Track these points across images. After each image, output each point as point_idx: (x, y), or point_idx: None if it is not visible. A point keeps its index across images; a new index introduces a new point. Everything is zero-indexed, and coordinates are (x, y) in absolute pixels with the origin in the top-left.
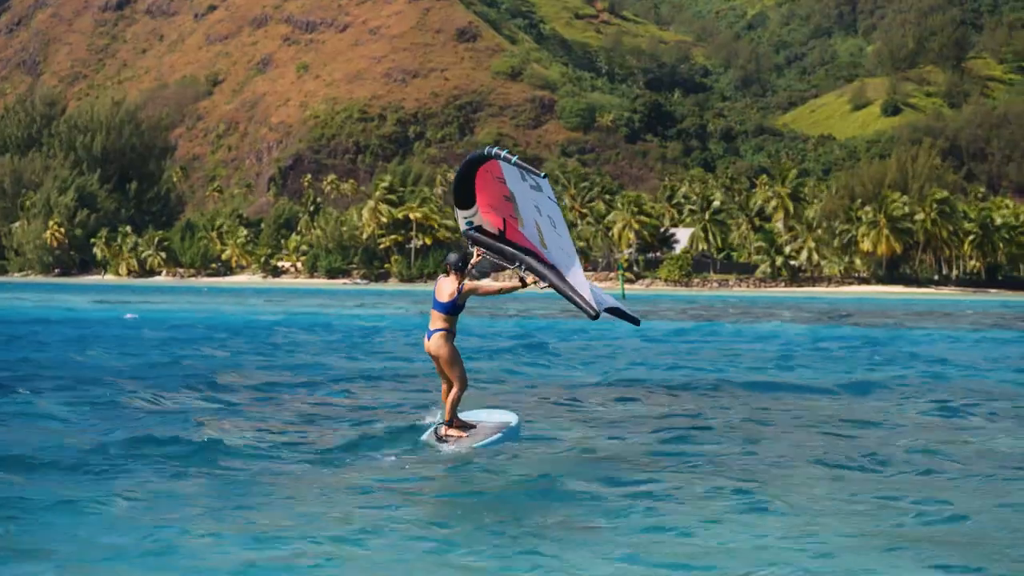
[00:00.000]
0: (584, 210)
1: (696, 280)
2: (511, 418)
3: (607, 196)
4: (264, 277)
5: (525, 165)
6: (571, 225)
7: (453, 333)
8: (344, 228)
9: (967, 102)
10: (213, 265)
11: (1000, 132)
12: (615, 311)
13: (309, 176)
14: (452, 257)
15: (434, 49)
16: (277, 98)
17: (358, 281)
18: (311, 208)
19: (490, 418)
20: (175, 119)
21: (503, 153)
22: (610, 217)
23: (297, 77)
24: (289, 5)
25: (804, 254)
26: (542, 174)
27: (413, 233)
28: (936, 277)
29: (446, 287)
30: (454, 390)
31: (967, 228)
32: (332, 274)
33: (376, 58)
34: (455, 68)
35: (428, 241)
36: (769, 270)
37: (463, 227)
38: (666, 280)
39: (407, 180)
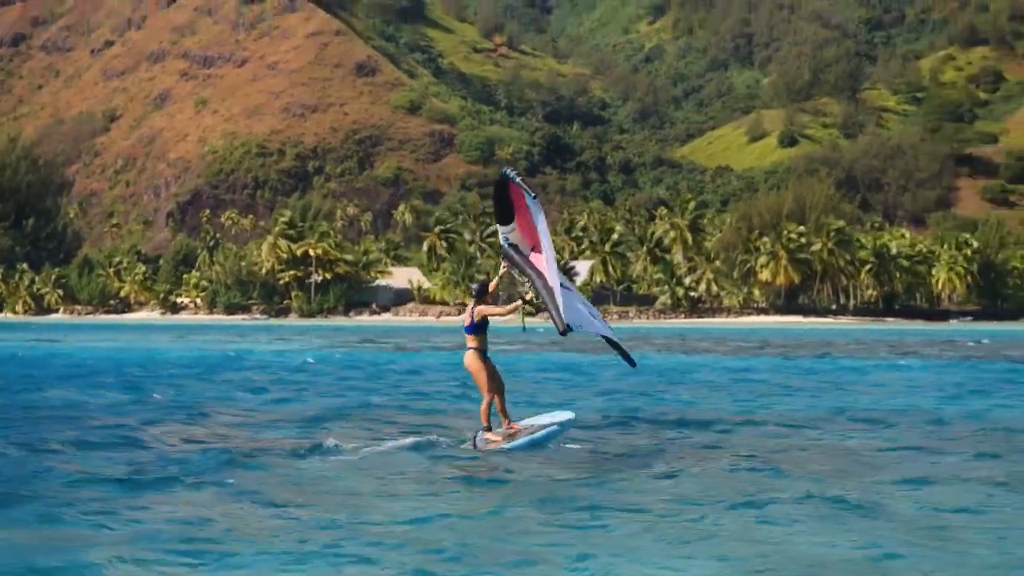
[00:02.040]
0: (484, 243)
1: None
2: (557, 419)
3: None
4: (163, 314)
5: (523, 185)
6: (472, 259)
7: (482, 350)
8: (243, 264)
9: (862, 133)
10: (111, 302)
11: (895, 162)
12: (614, 345)
13: (208, 211)
14: (474, 286)
15: (333, 84)
16: (175, 133)
17: (257, 317)
18: (210, 244)
19: (539, 421)
20: (72, 155)
21: (510, 172)
22: None
23: (195, 112)
24: (187, 40)
25: (703, 285)
26: (535, 194)
27: (313, 268)
28: (834, 307)
29: (468, 312)
30: (487, 400)
31: (863, 258)
32: (231, 310)
33: (275, 93)
34: (354, 103)
35: (328, 276)
36: (669, 302)
37: (502, 241)
38: None
39: (307, 215)
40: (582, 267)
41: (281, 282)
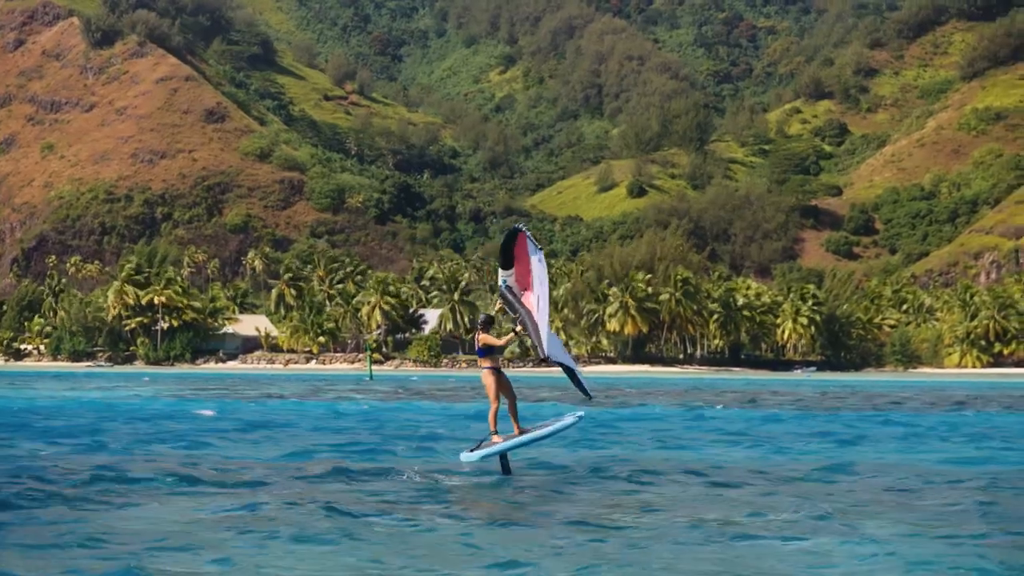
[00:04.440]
0: (333, 291)
1: (445, 361)
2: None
3: (357, 277)
4: (6, 360)
5: (534, 240)
6: (321, 306)
7: (494, 369)
8: (89, 310)
9: (710, 184)
10: None
11: (742, 213)
12: (572, 377)
13: (54, 257)
14: (481, 318)
15: (182, 129)
16: (21, 179)
17: (102, 364)
18: (55, 290)
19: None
20: None
21: (523, 228)
22: (359, 298)
23: (42, 157)
24: (33, 84)
25: (518, 328)
26: (540, 246)
27: (159, 315)
28: (681, 356)
29: (477, 340)
30: (494, 406)
31: (711, 308)
32: (76, 357)
33: (123, 138)
34: (203, 149)
35: (175, 323)
36: (518, 350)
37: (500, 283)
38: (415, 361)
39: (154, 261)
40: (431, 315)
41: (127, 329)
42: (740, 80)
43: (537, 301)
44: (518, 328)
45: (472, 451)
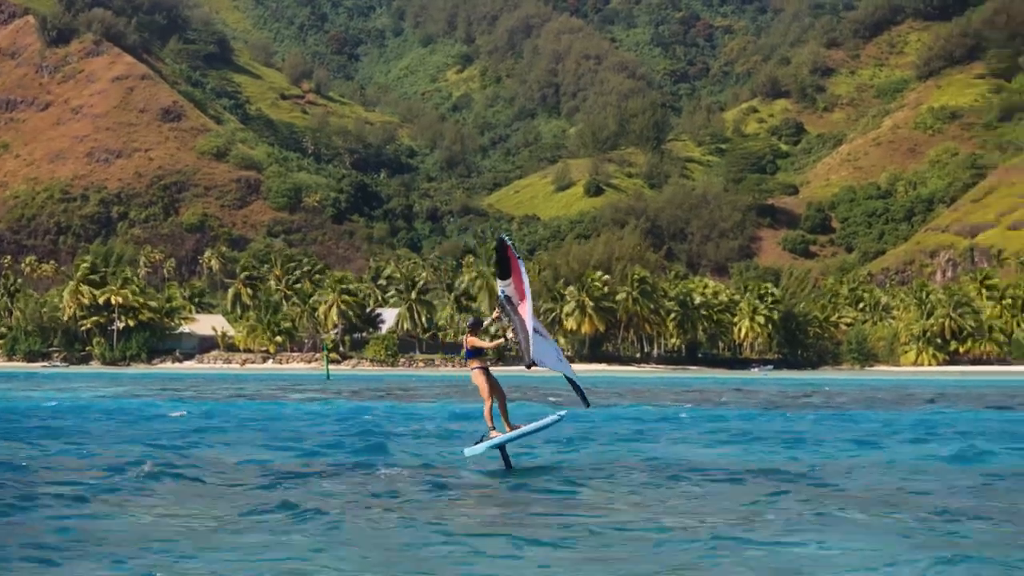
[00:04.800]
0: (290, 291)
1: (403, 360)
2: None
3: (314, 276)
4: None
5: (514, 248)
6: (277, 306)
7: (483, 368)
8: (44, 310)
9: (667, 183)
10: None
11: (698, 212)
12: (574, 385)
13: (9, 257)
14: (470, 321)
15: (138, 129)
16: None
17: (57, 364)
18: (11, 290)
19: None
20: None
21: (506, 238)
22: (316, 297)
23: None
24: None
25: (509, 334)
26: (519, 255)
27: (116, 315)
28: (638, 355)
29: (465, 342)
30: (488, 404)
31: (668, 307)
32: (32, 357)
33: (79, 137)
34: (159, 148)
35: (132, 323)
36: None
37: (500, 293)
38: (372, 360)
39: (110, 261)
40: (388, 315)
41: (83, 329)
42: (697, 79)
43: (528, 310)
44: (509, 334)
45: (476, 444)
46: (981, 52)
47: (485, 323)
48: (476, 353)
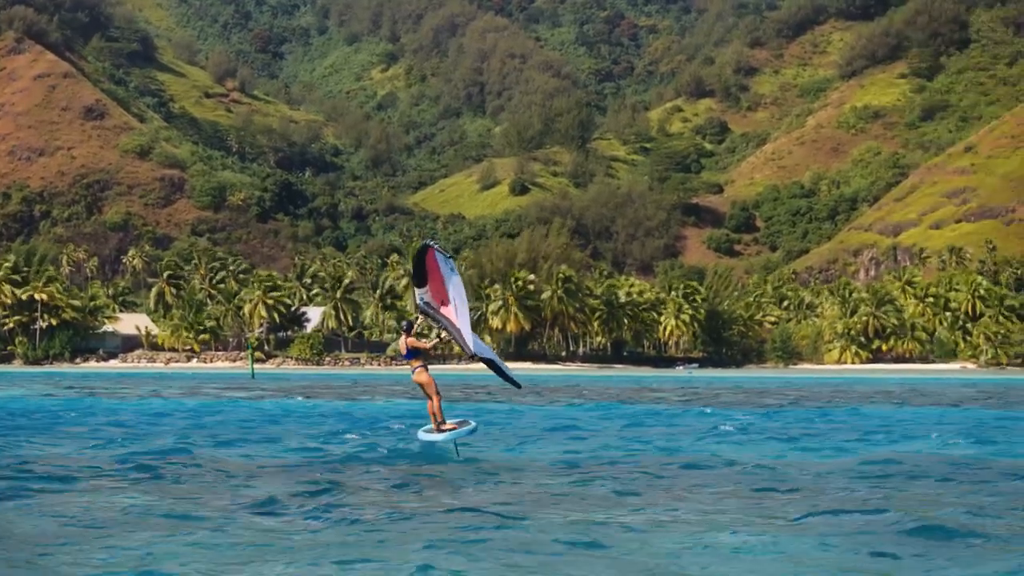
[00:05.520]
0: (214, 290)
1: (328, 358)
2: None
3: (239, 275)
4: None
5: (443, 250)
6: (202, 305)
7: (425, 367)
8: None
9: (592, 182)
10: None
11: (624, 211)
12: (495, 368)
13: None
14: (404, 324)
15: (60, 127)
16: None
17: None
18: None
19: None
20: None
21: (432, 243)
22: (241, 296)
23: None
24: None
25: (435, 332)
26: (449, 255)
27: (39, 314)
28: (564, 353)
29: (402, 344)
30: (436, 400)
31: (593, 305)
32: None
33: (0, 136)
34: (82, 146)
35: (55, 322)
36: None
37: (418, 300)
38: (297, 359)
39: (32, 260)
40: (314, 313)
41: (5, 328)
42: (622, 79)
43: (455, 308)
44: (443, 335)
45: (438, 432)
46: (903, 52)
47: (415, 326)
48: (416, 353)
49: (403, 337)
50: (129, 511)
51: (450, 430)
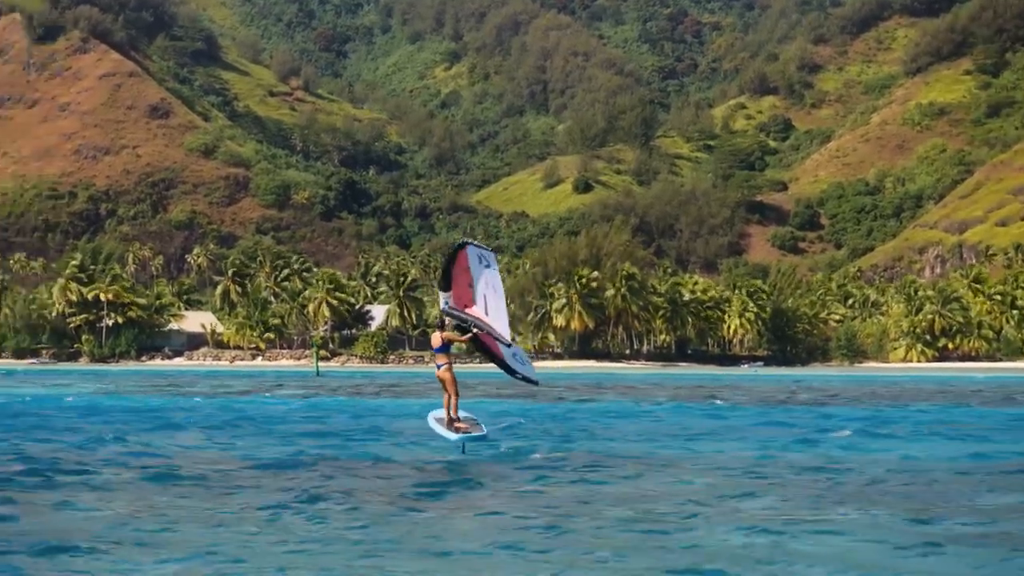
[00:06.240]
0: (279, 288)
1: (392, 357)
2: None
3: (303, 274)
4: None
5: (480, 244)
6: (266, 303)
7: (450, 365)
8: (33, 307)
9: (656, 180)
10: None
11: (687, 209)
12: (507, 369)
13: None
14: (438, 321)
15: (126, 126)
16: None
17: (46, 361)
18: None
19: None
20: None
21: (468, 241)
22: (305, 294)
23: None
24: None
25: (475, 329)
26: (490, 248)
27: (104, 312)
28: (628, 351)
29: (436, 338)
30: (454, 398)
31: (657, 303)
32: (20, 354)
33: (66, 135)
34: (147, 145)
35: (120, 320)
36: (464, 347)
37: (442, 304)
38: (361, 357)
39: (98, 258)
40: (378, 311)
41: (72, 326)
42: (685, 76)
43: (485, 303)
44: (475, 330)
45: (451, 428)
46: (968, 48)
47: (446, 324)
48: (445, 349)
49: (436, 332)
50: None
51: (464, 431)
